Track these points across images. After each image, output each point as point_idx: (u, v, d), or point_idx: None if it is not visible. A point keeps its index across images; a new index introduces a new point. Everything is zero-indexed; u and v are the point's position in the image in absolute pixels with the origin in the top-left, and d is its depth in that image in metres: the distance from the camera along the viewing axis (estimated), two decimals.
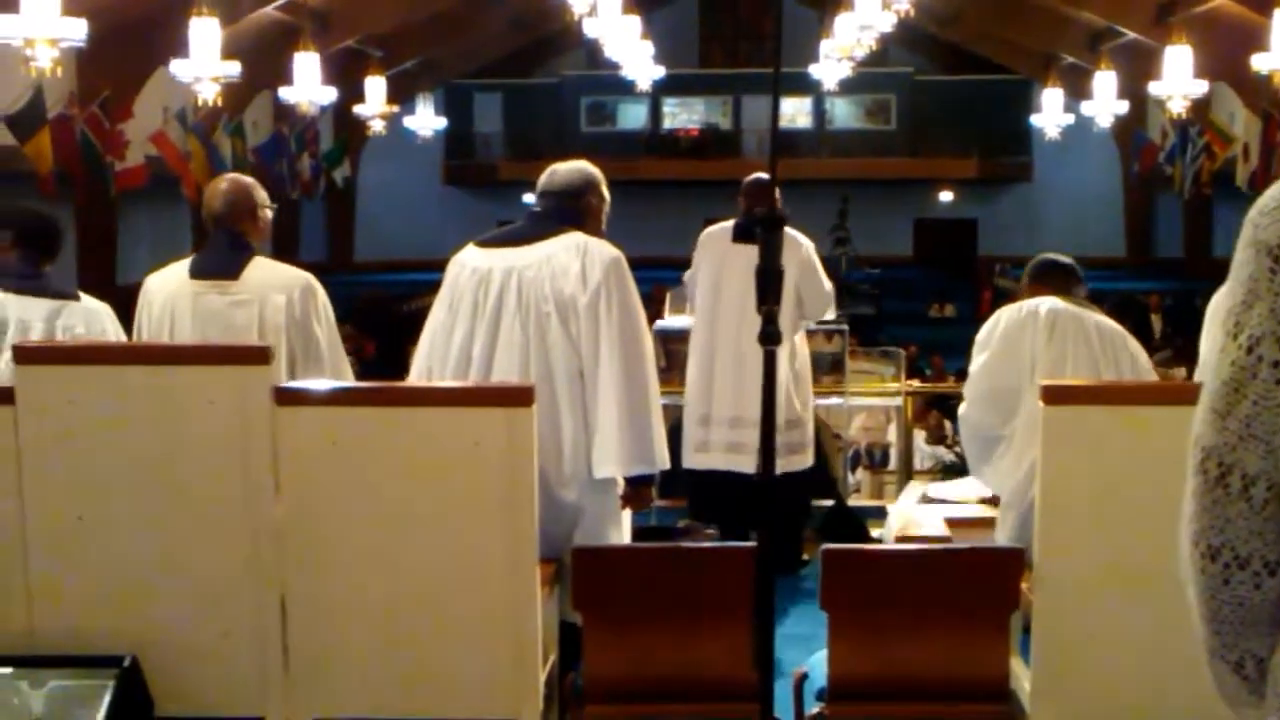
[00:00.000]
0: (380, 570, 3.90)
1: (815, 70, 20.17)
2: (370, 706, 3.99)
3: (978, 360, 4.79)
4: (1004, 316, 4.80)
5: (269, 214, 5.01)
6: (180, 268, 4.92)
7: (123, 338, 4.81)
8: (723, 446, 6.89)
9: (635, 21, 15.44)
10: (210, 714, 3.93)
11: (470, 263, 4.66)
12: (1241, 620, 1.62)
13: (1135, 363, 4.75)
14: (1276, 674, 1.61)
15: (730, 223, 6.93)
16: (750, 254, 2.97)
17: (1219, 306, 3.93)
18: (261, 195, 5.00)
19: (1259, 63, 10.86)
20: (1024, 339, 4.67)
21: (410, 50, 22.28)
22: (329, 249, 25.95)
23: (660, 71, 19.52)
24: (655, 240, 20.45)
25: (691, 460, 6.98)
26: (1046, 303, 4.74)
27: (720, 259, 6.83)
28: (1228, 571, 1.60)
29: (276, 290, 4.80)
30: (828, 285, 6.96)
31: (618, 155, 24.99)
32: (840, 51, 17.82)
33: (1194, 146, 18.92)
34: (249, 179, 5.09)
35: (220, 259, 4.86)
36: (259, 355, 3.95)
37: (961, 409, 4.96)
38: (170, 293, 4.85)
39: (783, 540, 6.75)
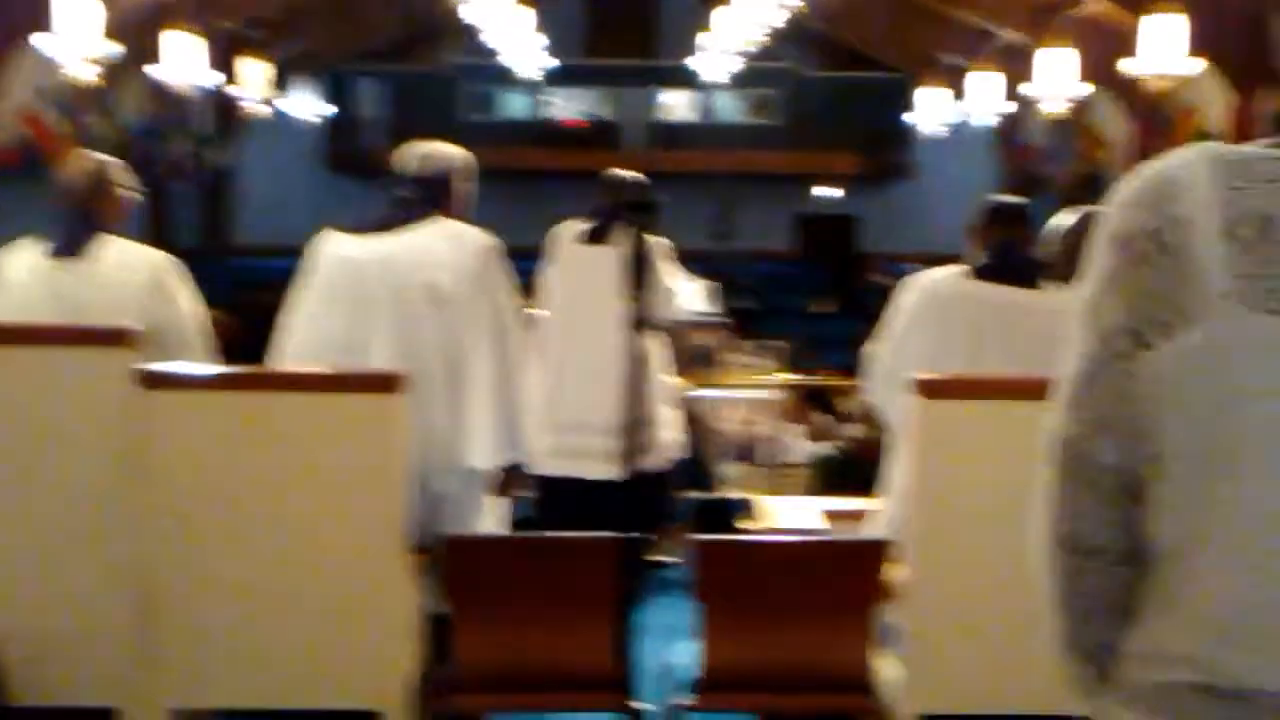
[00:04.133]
0: (246, 558, 3.84)
1: (698, 63, 20.23)
2: (232, 697, 3.94)
3: (879, 344, 4.56)
4: (909, 296, 4.48)
5: (128, 195, 4.85)
6: (36, 246, 4.73)
7: None
8: (568, 452, 6.75)
9: (522, 11, 15.35)
10: (63, 704, 3.85)
11: (338, 251, 4.53)
12: (1094, 610, 1.64)
13: (1025, 344, 4.19)
14: (1128, 664, 1.63)
15: (579, 223, 6.85)
16: (599, 255, 2.91)
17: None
18: (118, 174, 4.84)
19: (1127, 67, 11.02)
20: (914, 324, 4.41)
21: (292, 34, 21.98)
22: (204, 233, 25.53)
23: (546, 61, 19.45)
24: (539, 230, 20.32)
25: (541, 466, 6.83)
26: (939, 282, 4.46)
27: (568, 262, 6.73)
28: (1081, 561, 1.62)
29: (131, 271, 4.63)
30: (669, 283, 6.81)
31: (503, 144, 24.84)
32: (725, 46, 17.90)
33: (1069, 149, 19.26)
34: (105, 157, 4.92)
35: (74, 238, 4.67)
36: (119, 337, 3.86)
37: (866, 383, 4.75)
38: (24, 271, 4.66)
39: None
